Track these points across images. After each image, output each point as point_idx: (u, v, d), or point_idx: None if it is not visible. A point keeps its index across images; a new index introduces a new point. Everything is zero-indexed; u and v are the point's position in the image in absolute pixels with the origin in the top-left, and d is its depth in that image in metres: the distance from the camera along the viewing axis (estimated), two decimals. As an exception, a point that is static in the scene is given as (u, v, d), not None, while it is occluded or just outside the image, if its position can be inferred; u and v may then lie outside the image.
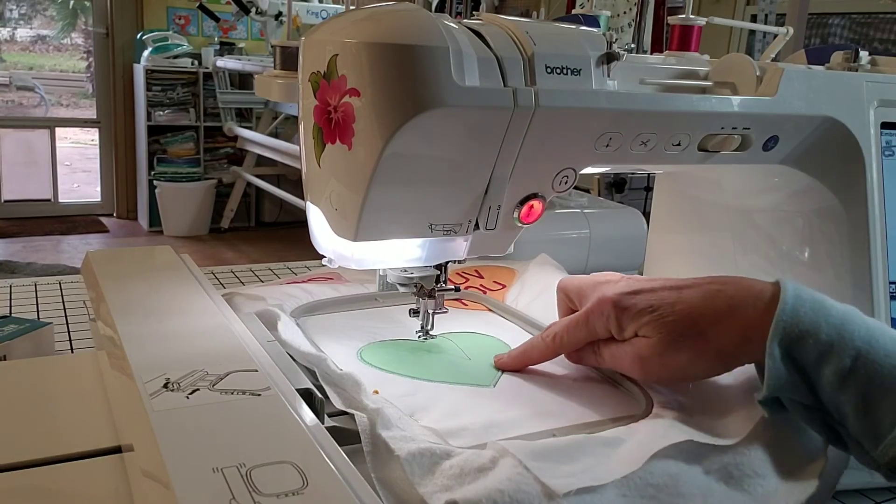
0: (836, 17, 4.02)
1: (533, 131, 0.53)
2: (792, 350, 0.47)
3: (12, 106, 5.94)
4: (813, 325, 0.47)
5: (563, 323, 0.58)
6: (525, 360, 0.60)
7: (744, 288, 0.51)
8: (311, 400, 0.49)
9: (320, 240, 0.59)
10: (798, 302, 0.48)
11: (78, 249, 4.14)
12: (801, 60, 0.76)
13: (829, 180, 0.67)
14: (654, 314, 0.51)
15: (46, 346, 0.69)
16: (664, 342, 0.51)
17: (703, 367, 0.52)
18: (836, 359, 0.46)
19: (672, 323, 0.51)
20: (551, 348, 0.58)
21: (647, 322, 0.51)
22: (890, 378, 0.45)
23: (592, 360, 0.57)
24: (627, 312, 0.53)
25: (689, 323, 0.50)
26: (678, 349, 0.51)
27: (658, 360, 0.51)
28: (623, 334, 0.53)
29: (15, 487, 0.44)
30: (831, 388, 0.46)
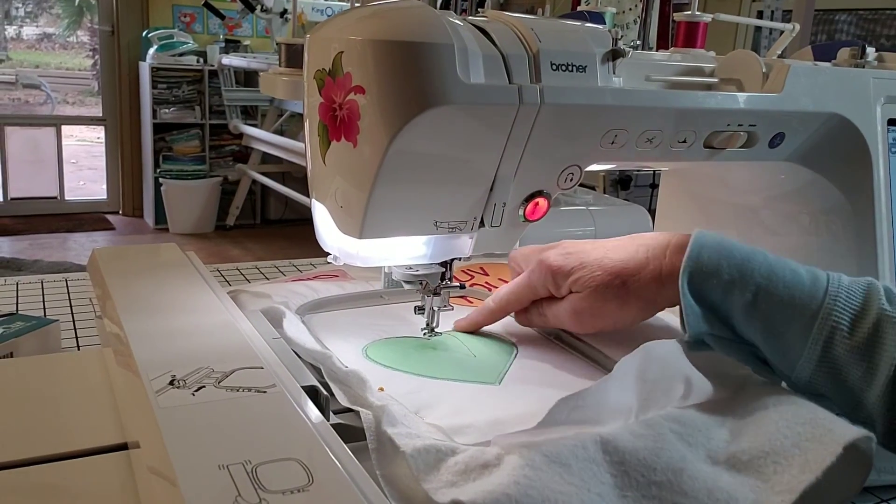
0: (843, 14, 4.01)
1: (538, 128, 0.53)
2: (701, 290, 0.52)
3: (18, 104, 5.96)
4: (715, 265, 0.52)
5: (508, 286, 0.64)
6: (478, 321, 0.66)
7: (660, 241, 0.57)
8: (316, 397, 0.49)
9: (326, 237, 0.59)
10: (702, 248, 0.53)
11: (84, 247, 4.15)
12: (807, 57, 0.76)
13: (836, 177, 0.67)
14: (584, 271, 0.58)
15: (53, 343, 0.69)
16: (593, 295, 0.57)
17: (630, 314, 0.58)
18: (738, 294, 0.51)
19: (599, 277, 0.57)
20: (499, 309, 0.65)
21: (578, 278, 0.58)
22: (790, 307, 0.50)
23: (539, 320, 0.63)
24: (561, 271, 0.59)
25: (613, 276, 0.57)
26: (605, 300, 0.57)
27: (589, 311, 0.58)
28: (560, 291, 0.60)
29: (22, 484, 0.44)
30: (740, 321, 0.51)
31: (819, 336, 0.49)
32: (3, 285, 0.94)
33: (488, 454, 0.43)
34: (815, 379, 0.50)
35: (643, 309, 0.58)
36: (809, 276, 0.51)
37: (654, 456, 0.43)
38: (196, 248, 0.74)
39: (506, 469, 0.42)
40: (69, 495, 0.44)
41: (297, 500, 0.34)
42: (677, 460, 0.44)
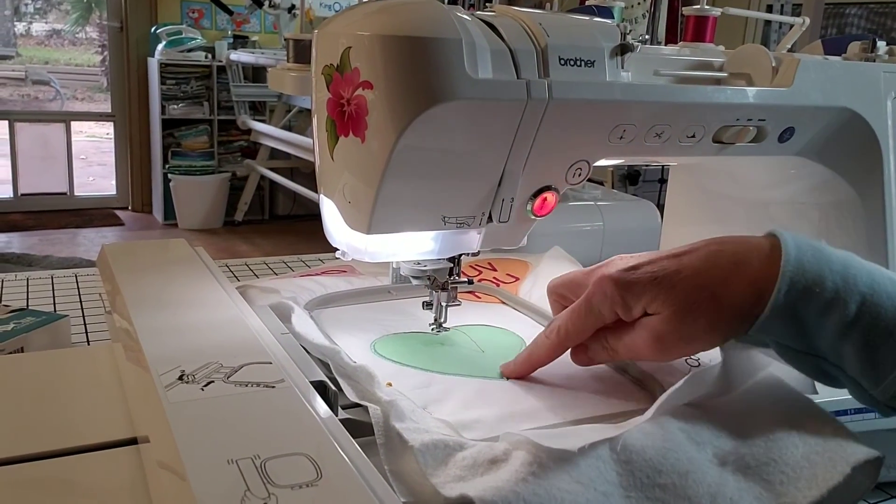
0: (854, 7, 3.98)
1: (546, 123, 0.53)
2: (797, 302, 0.46)
3: (28, 100, 5.99)
4: (817, 274, 0.46)
5: (564, 315, 0.54)
6: (532, 362, 0.56)
7: (743, 243, 0.49)
8: (324, 392, 0.49)
9: (334, 232, 0.59)
10: (800, 252, 0.47)
11: (94, 242, 4.17)
12: (817, 51, 0.75)
13: (846, 172, 0.67)
14: (661, 286, 0.49)
15: (63, 338, 0.70)
16: (678, 313, 0.48)
17: (722, 331, 0.48)
18: (841, 307, 0.45)
19: (681, 291, 0.48)
20: (556, 344, 0.55)
21: (655, 295, 0.49)
22: (893, 320, 0.45)
23: (604, 355, 0.54)
24: (631, 289, 0.50)
25: (697, 288, 0.48)
26: (694, 317, 0.48)
27: (676, 333, 0.48)
28: (631, 314, 0.51)
29: (32, 478, 0.44)
30: (834, 336, 0.46)
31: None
32: (14, 281, 0.94)
33: (496, 449, 0.43)
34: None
35: (738, 323, 0.48)
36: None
37: (660, 457, 0.43)
38: (205, 244, 0.74)
39: (514, 465, 0.42)
40: (79, 489, 0.44)
41: (306, 495, 0.34)
42: (684, 462, 0.43)
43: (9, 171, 4.67)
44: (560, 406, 0.53)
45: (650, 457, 0.43)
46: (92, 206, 4.87)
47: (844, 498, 0.44)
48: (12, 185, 4.69)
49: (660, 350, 0.50)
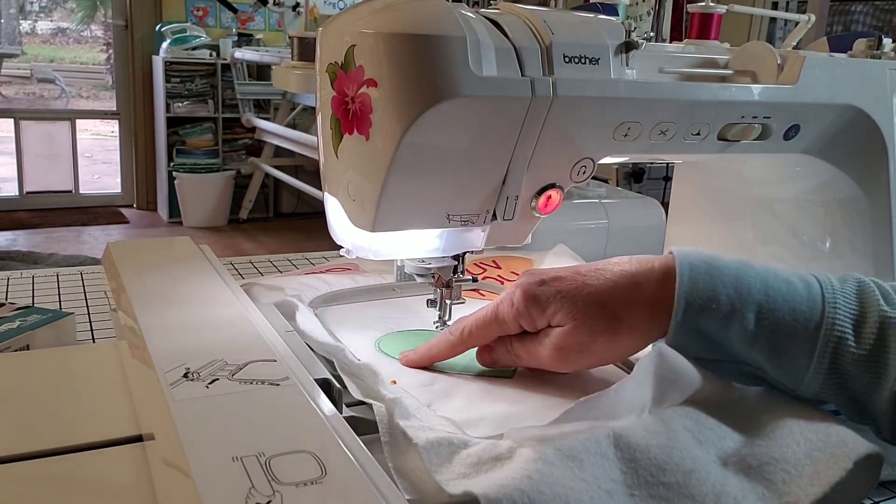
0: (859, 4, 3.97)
1: (551, 121, 0.53)
2: (698, 321, 0.48)
3: (33, 98, 6.00)
4: (711, 290, 0.48)
5: (471, 318, 0.56)
6: (430, 356, 0.58)
7: (643, 263, 0.52)
8: (329, 390, 0.49)
9: (338, 230, 0.59)
10: (693, 271, 0.49)
11: (99, 240, 4.18)
12: (823, 48, 0.75)
13: (852, 169, 0.67)
14: (565, 301, 0.51)
15: (68, 336, 0.70)
16: (579, 327, 0.51)
17: (621, 348, 0.52)
18: (739, 319, 0.47)
19: (583, 307, 0.51)
20: (457, 343, 0.57)
21: (558, 310, 0.51)
22: (792, 322, 0.47)
23: (506, 358, 0.56)
24: (538, 302, 0.52)
25: (599, 305, 0.51)
26: (594, 333, 0.51)
27: (576, 346, 0.51)
28: (535, 325, 0.53)
29: (37, 475, 0.44)
30: (741, 346, 0.48)
31: (825, 349, 0.47)
32: (20, 278, 0.95)
33: (501, 447, 0.43)
34: (823, 391, 0.48)
35: (635, 341, 0.52)
36: (803, 284, 0.49)
37: (665, 455, 0.43)
38: (209, 242, 0.74)
39: (518, 462, 0.42)
40: (84, 486, 0.44)
41: (311, 493, 0.34)
42: (688, 461, 0.43)
43: (14, 169, 4.68)
44: (564, 404, 0.53)
45: (654, 455, 0.43)
46: (97, 203, 4.88)
47: (847, 495, 0.44)
48: (17, 183, 4.70)
49: (560, 360, 0.53)
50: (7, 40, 5.67)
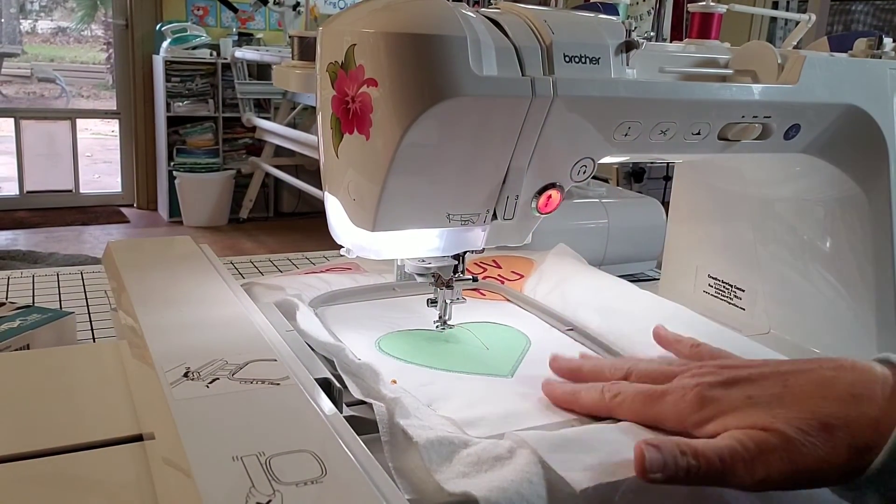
0: (860, 4, 3.97)
1: (551, 120, 0.53)
2: None
3: (34, 98, 6.00)
4: None
5: (632, 390, 0.49)
6: (571, 403, 0.52)
7: (863, 372, 0.43)
8: (329, 389, 0.49)
9: (338, 230, 0.59)
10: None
11: (99, 240, 4.18)
12: (823, 48, 0.75)
13: (852, 169, 0.66)
14: (759, 408, 0.43)
15: (69, 335, 0.70)
16: (786, 438, 0.41)
17: (833, 469, 0.41)
18: None
19: (787, 417, 0.42)
20: (605, 408, 0.50)
21: (744, 419, 0.43)
22: None
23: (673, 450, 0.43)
24: (717, 405, 0.44)
25: (807, 416, 0.42)
26: (805, 447, 0.41)
27: (781, 455, 0.41)
28: (703, 431, 0.44)
29: (38, 474, 0.45)
30: None
31: None
32: (20, 278, 0.95)
33: (501, 447, 0.43)
34: None
35: (853, 461, 0.41)
36: None
37: None
38: (210, 241, 0.74)
39: (518, 464, 0.42)
40: (85, 486, 0.44)
41: (311, 492, 0.34)
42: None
43: (14, 169, 4.68)
44: (565, 403, 0.53)
45: None
46: (97, 203, 4.88)
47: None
48: (18, 182, 4.70)
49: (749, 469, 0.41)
50: (7, 40, 5.67)
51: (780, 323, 0.76)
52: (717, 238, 0.82)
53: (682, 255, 0.86)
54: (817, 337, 0.72)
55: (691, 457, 0.41)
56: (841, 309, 0.70)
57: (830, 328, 0.71)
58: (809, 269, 0.72)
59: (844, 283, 0.69)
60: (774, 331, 0.76)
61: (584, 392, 0.51)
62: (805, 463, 0.41)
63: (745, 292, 0.79)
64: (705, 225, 0.83)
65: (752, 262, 0.77)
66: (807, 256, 0.72)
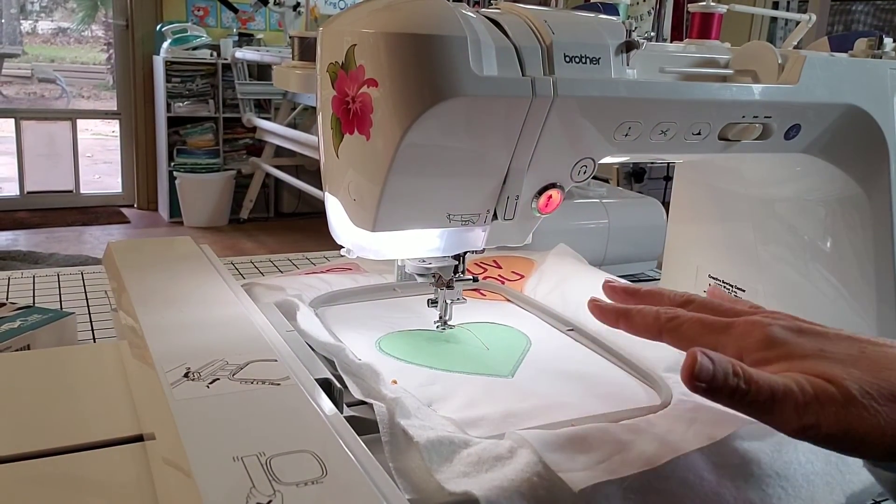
0: (860, 4, 3.97)
1: (551, 121, 0.53)
2: None
3: (34, 98, 6.00)
4: None
5: (692, 315, 0.47)
6: (623, 319, 0.49)
7: None
8: (329, 389, 0.49)
9: (339, 230, 0.59)
10: None
11: (100, 240, 4.18)
12: (823, 48, 0.75)
13: (852, 169, 0.66)
14: (831, 362, 0.40)
15: (69, 335, 0.70)
16: (850, 396, 0.39)
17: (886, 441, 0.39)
18: None
19: (858, 377, 0.39)
20: (659, 328, 0.47)
21: (818, 367, 0.40)
22: None
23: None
24: (785, 347, 0.42)
25: (880, 383, 0.39)
26: (866, 411, 0.38)
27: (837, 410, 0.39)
28: (765, 369, 0.41)
29: (38, 475, 0.44)
30: None
31: None
32: (20, 278, 0.95)
33: (501, 447, 0.43)
34: None
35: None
36: None
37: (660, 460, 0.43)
38: (210, 242, 0.74)
39: (519, 464, 0.42)
40: (85, 486, 0.44)
41: (311, 492, 0.34)
42: (682, 468, 0.43)
43: (15, 169, 4.69)
44: (565, 404, 0.53)
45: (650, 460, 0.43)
46: (98, 203, 4.88)
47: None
48: (18, 182, 4.70)
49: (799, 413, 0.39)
50: (8, 40, 5.67)
51: (781, 323, 0.75)
52: (717, 238, 0.82)
53: (683, 256, 0.86)
54: (818, 337, 0.72)
55: (742, 380, 0.39)
56: (842, 309, 0.70)
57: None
58: (810, 269, 0.72)
59: (845, 282, 0.69)
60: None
61: (637, 310, 0.49)
62: (861, 427, 0.38)
63: (746, 292, 0.79)
64: (706, 225, 0.83)
65: (752, 262, 0.77)
66: (807, 256, 0.72)
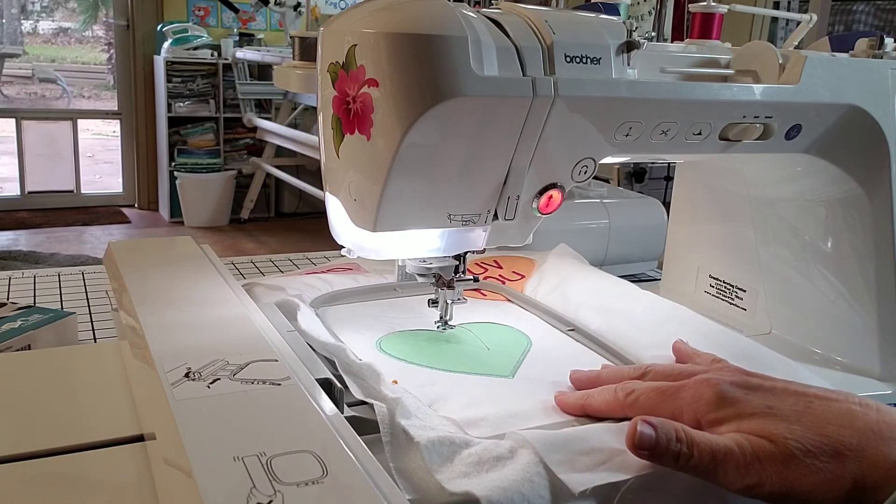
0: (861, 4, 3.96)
1: (552, 121, 0.53)
2: None
3: (35, 98, 6.00)
4: None
5: (646, 388, 0.48)
6: (585, 407, 0.51)
7: (888, 414, 0.43)
8: (330, 390, 0.49)
9: (339, 230, 0.59)
10: None
11: (100, 240, 4.18)
12: (824, 48, 0.75)
13: (853, 169, 0.66)
14: (776, 419, 0.42)
15: (70, 335, 0.70)
16: (789, 455, 0.41)
17: (830, 496, 0.41)
18: None
19: (801, 435, 0.41)
20: (620, 405, 0.49)
21: (762, 428, 0.42)
22: None
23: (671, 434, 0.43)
24: (734, 407, 0.44)
25: (822, 440, 0.41)
26: (807, 469, 0.40)
27: (779, 469, 0.41)
28: (717, 429, 0.44)
29: (40, 475, 0.45)
30: None
31: None
32: (21, 278, 0.95)
33: (502, 447, 0.43)
34: None
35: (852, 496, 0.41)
36: None
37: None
38: (211, 242, 0.74)
39: (519, 464, 0.42)
40: (86, 486, 0.44)
41: (312, 492, 0.34)
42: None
43: (16, 169, 4.69)
44: (566, 404, 0.53)
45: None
46: (98, 203, 4.88)
47: None
48: (19, 182, 4.70)
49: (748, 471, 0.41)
50: (9, 40, 5.67)
51: (782, 323, 0.75)
52: (718, 238, 0.82)
53: (683, 256, 0.86)
54: (818, 337, 0.72)
55: (685, 445, 0.42)
56: (842, 309, 0.70)
57: (832, 328, 0.71)
58: (811, 269, 0.72)
59: (846, 283, 0.69)
60: (776, 331, 0.76)
61: (596, 394, 0.50)
62: (801, 484, 0.40)
63: (747, 293, 0.78)
64: (706, 225, 0.83)
65: (753, 262, 0.77)
66: (808, 256, 0.72)
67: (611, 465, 0.43)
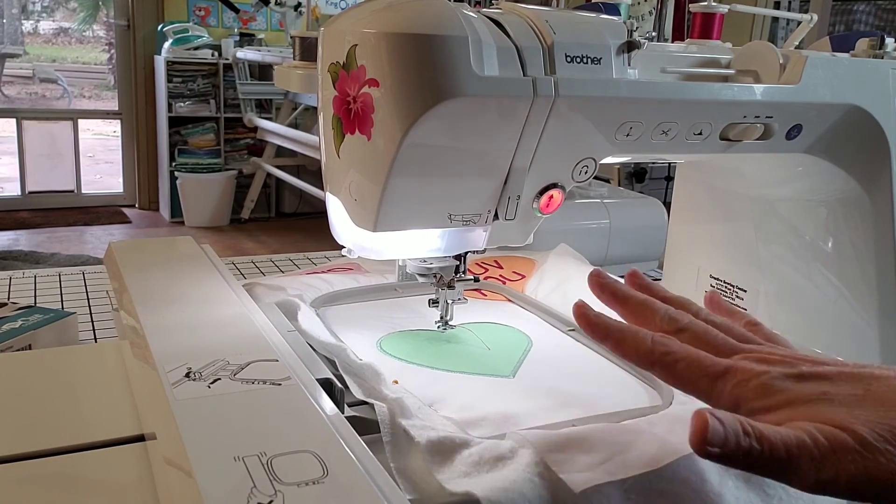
0: (862, 4, 3.96)
1: (553, 121, 0.53)
2: None
3: (36, 98, 6.01)
4: None
5: (685, 352, 0.43)
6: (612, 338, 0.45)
7: None
8: (331, 390, 0.49)
9: (340, 230, 0.59)
10: None
11: (101, 240, 4.18)
12: (825, 48, 0.75)
13: (854, 169, 0.66)
14: (833, 405, 0.38)
15: (70, 335, 0.70)
16: (864, 442, 0.36)
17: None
18: None
19: (867, 420, 0.37)
20: (650, 360, 0.43)
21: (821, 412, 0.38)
22: None
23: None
24: (784, 394, 0.39)
25: (892, 423, 0.36)
26: (884, 457, 0.36)
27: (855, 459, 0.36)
28: (762, 419, 0.39)
29: (40, 474, 0.45)
30: None
31: None
32: (22, 278, 0.95)
33: (503, 447, 0.43)
34: None
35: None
36: None
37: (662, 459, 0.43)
38: (211, 241, 0.74)
39: (520, 464, 0.42)
40: (86, 486, 0.44)
41: (312, 493, 0.34)
42: (682, 469, 0.43)
43: (16, 169, 4.69)
44: (566, 404, 0.53)
45: (652, 459, 0.43)
46: (99, 203, 4.89)
47: None
48: (20, 182, 4.71)
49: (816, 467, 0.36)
50: (9, 40, 5.68)
51: (783, 323, 0.75)
52: (718, 238, 0.82)
53: (684, 256, 0.86)
54: (819, 337, 0.72)
55: (755, 440, 0.36)
56: (843, 309, 0.70)
57: (833, 328, 0.71)
58: (812, 269, 0.72)
59: (847, 283, 0.69)
60: (776, 331, 0.76)
61: (629, 333, 0.45)
62: (880, 473, 0.36)
63: (747, 293, 0.78)
64: (707, 225, 0.83)
65: (753, 262, 0.77)
66: (809, 257, 0.72)
67: (611, 465, 0.43)
